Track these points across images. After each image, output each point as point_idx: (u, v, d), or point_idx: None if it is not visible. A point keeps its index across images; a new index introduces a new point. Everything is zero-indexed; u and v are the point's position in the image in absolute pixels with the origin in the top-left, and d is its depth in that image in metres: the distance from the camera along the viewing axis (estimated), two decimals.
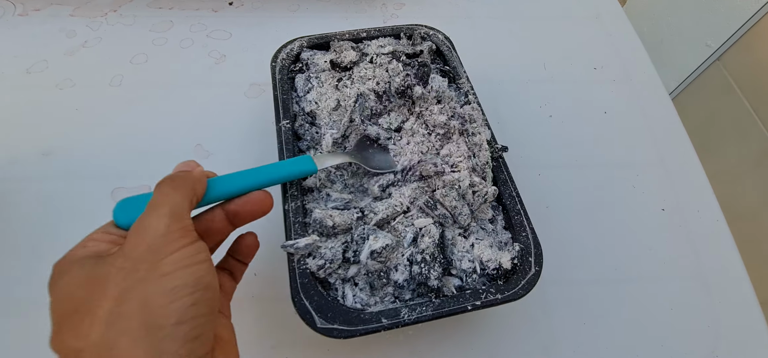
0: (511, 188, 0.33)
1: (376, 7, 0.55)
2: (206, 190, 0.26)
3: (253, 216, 0.27)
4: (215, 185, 0.26)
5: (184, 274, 0.20)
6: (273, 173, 0.29)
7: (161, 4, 0.53)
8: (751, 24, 0.92)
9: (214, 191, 0.26)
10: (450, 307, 0.28)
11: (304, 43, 0.39)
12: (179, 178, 0.24)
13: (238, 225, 0.28)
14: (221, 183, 0.27)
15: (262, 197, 0.28)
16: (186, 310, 0.19)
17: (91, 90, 0.45)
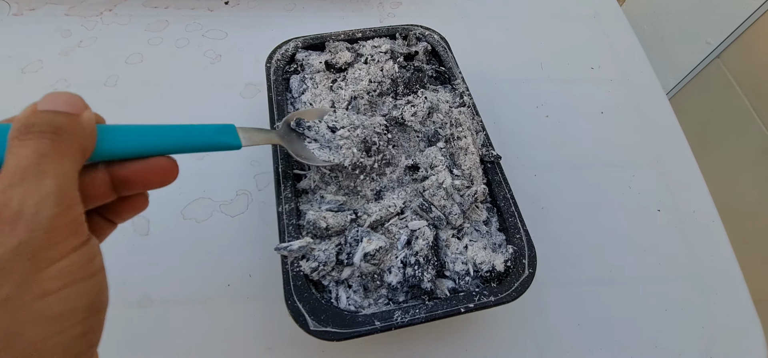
0: (506, 190, 0.33)
1: (373, 6, 0.54)
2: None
3: (150, 186, 0.21)
4: (107, 138, 0.19)
5: (75, 293, 0.14)
6: (186, 137, 0.22)
7: (157, 3, 0.52)
8: (750, 22, 0.91)
9: (105, 145, 0.19)
10: (443, 309, 0.28)
11: (299, 43, 0.39)
12: (66, 129, 0.16)
13: (124, 194, 0.21)
14: (115, 137, 0.20)
15: (167, 165, 0.21)
16: (73, 343, 0.14)
17: (86, 90, 0.44)
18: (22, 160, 0.15)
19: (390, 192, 0.32)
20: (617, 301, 0.36)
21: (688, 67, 1.05)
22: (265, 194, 0.40)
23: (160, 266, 0.36)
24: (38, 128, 0.16)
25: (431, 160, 0.33)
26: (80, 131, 0.17)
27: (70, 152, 0.16)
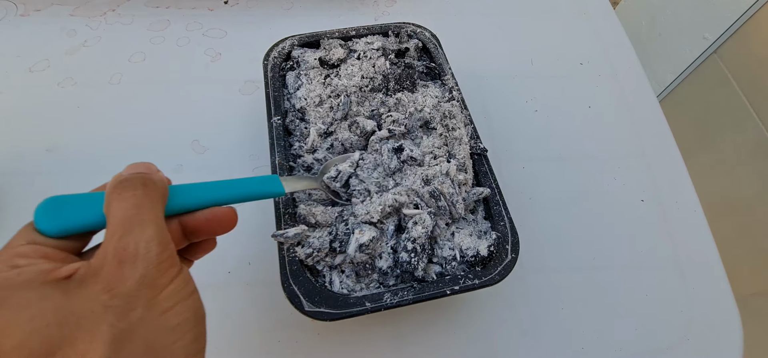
0: (491, 180, 0.34)
1: (369, 5, 0.56)
2: None
3: (215, 233, 0.25)
4: (176, 195, 0.23)
5: (183, 308, 0.18)
6: (238, 190, 0.26)
7: (158, 3, 0.54)
8: (746, 17, 0.92)
9: (174, 201, 0.23)
10: (430, 292, 0.30)
11: (295, 41, 0.41)
12: (152, 182, 0.20)
13: (193, 240, 0.25)
14: (182, 193, 0.24)
15: (229, 214, 0.25)
16: (190, 345, 0.18)
17: (91, 88, 0.47)
18: (126, 212, 0.19)
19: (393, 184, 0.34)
20: (600, 287, 0.38)
21: (685, 62, 1.06)
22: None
23: None
24: (131, 184, 0.19)
25: (432, 149, 0.34)
26: (160, 184, 0.21)
27: (158, 200, 0.20)
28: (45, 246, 0.19)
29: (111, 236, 0.18)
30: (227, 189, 0.25)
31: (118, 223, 0.18)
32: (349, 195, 0.33)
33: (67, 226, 0.19)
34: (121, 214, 0.18)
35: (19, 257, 0.18)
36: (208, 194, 0.25)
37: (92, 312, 0.16)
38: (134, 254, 0.18)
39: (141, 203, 0.19)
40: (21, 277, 0.17)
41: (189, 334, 0.18)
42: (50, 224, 0.19)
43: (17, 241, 0.19)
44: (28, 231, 0.19)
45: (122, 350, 0.16)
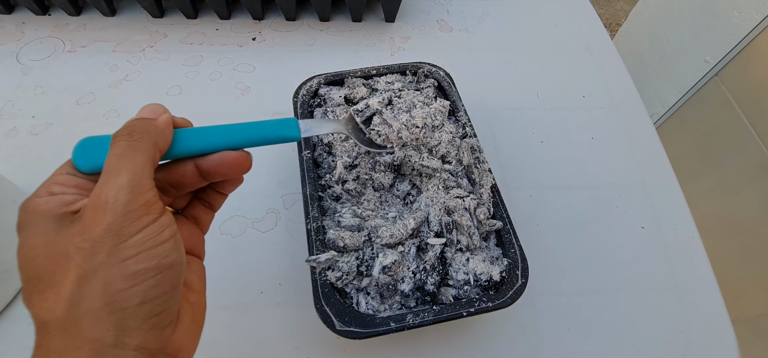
0: (502, 210, 0.38)
1: (384, 41, 0.60)
2: (173, 142, 0.23)
3: (228, 177, 0.26)
4: (183, 139, 0.24)
5: (146, 257, 0.19)
6: (251, 133, 0.26)
7: (192, 40, 0.59)
8: (746, 42, 0.96)
9: (181, 145, 0.24)
10: (448, 313, 0.33)
11: (322, 80, 0.45)
12: (139, 130, 0.22)
13: (212, 181, 0.26)
14: (190, 137, 0.24)
15: (240, 158, 0.25)
16: (148, 291, 0.19)
17: None
18: (110, 161, 0.20)
19: (415, 204, 0.38)
20: (603, 309, 0.41)
21: (687, 84, 1.09)
22: (291, 213, 0.46)
23: None
24: (121, 133, 0.21)
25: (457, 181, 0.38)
26: (153, 130, 0.22)
27: (142, 149, 0.21)
28: (78, 177, 0.21)
29: (97, 184, 0.20)
30: (238, 132, 0.25)
31: (104, 171, 0.20)
32: (370, 139, 0.35)
33: (94, 165, 0.21)
34: (107, 162, 0.20)
35: (56, 184, 0.21)
36: (218, 138, 0.25)
37: (67, 251, 0.19)
38: (105, 202, 0.19)
39: (123, 151, 0.20)
40: (47, 205, 0.20)
41: (149, 281, 0.19)
42: (82, 161, 0.22)
43: (61, 170, 0.22)
44: (69, 164, 0.22)
45: (82, 288, 0.19)
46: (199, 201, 0.28)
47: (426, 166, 0.38)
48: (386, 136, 0.34)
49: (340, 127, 0.32)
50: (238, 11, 0.62)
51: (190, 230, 0.27)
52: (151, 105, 0.24)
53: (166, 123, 0.23)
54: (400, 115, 0.35)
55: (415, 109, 0.35)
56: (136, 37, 0.58)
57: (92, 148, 0.22)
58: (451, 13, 0.65)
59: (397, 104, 0.35)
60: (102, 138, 0.22)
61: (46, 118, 0.50)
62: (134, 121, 0.22)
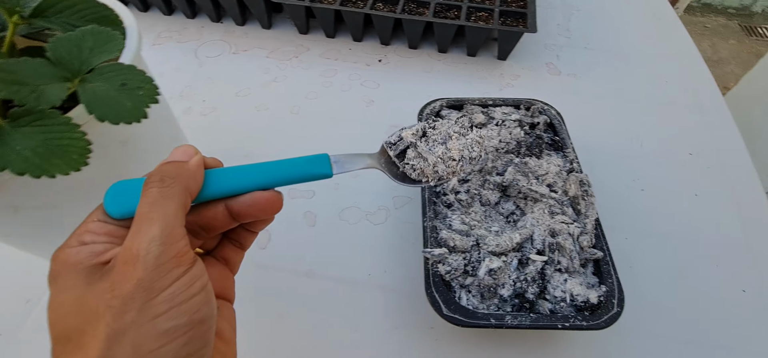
0: (603, 242, 0.41)
1: (495, 76, 0.66)
2: (204, 184, 0.23)
3: (259, 216, 0.25)
4: (214, 180, 0.23)
5: (177, 312, 0.19)
6: (282, 172, 0.25)
7: (329, 56, 0.69)
8: None
9: (212, 187, 0.23)
10: (544, 322, 0.37)
11: (444, 103, 0.52)
12: (170, 176, 0.21)
13: (243, 221, 0.25)
14: (222, 178, 0.24)
15: (271, 199, 0.24)
16: (179, 350, 0.19)
17: (278, 114, 0.62)
18: (142, 209, 0.20)
19: (520, 222, 0.42)
20: None
21: None
22: (401, 213, 0.52)
23: (321, 250, 0.49)
24: (152, 180, 0.21)
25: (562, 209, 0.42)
26: (185, 174, 0.22)
27: (174, 195, 0.21)
28: (110, 224, 0.21)
29: (128, 234, 0.20)
30: (269, 172, 0.25)
31: (135, 220, 0.20)
32: (403, 173, 0.33)
33: (125, 210, 0.21)
34: (139, 210, 0.20)
35: (88, 232, 0.21)
36: (249, 178, 0.24)
37: (98, 309, 0.18)
38: (136, 255, 0.19)
39: (155, 199, 0.20)
40: (78, 256, 0.20)
41: (180, 338, 0.19)
42: (113, 208, 0.21)
43: (92, 217, 0.22)
44: (101, 210, 0.22)
45: (112, 350, 0.18)
46: (229, 241, 0.27)
47: (534, 191, 0.43)
48: (421, 171, 0.32)
49: (373, 163, 0.31)
50: (369, 36, 0.72)
51: (220, 272, 0.26)
52: (183, 147, 0.24)
53: (198, 165, 0.23)
54: (435, 147, 0.33)
55: (451, 140, 0.33)
56: (286, 48, 0.70)
57: (124, 193, 0.22)
58: (561, 58, 0.69)
59: (432, 136, 0.34)
60: (134, 182, 0.22)
61: (213, 104, 0.63)
62: (166, 166, 0.22)
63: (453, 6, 0.66)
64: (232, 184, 0.24)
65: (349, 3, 0.67)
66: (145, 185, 0.21)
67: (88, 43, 0.26)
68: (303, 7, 0.66)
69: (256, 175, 0.25)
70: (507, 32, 0.62)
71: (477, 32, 0.64)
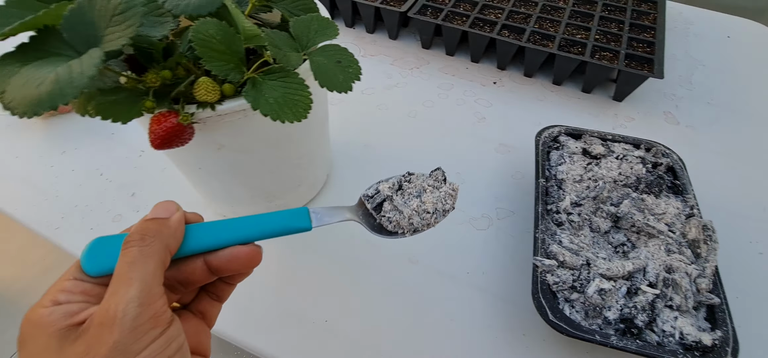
0: (720, 290, 0.41)
1: (608, 116, 0.67)
2: (184, 239, 0.23)
3: (237, 271, 0.25)
4: (194, 236, 0.24)
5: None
6: (262, 227, 0.25)
7: (447, 71, 0.75)
8: None
9: (192, 242, 0.24)
10: (650, 351, 0.38)
11: (563, 130, 0.54)
12: (151, 234, 0.21)
13: (221, 276, 0.25)
14: (201, 233, 0.24)
15: (250, 253, 0.25)
16: None
17: (396, 115, 0.68)
18: (120, 269, 0.20)
19: (634, 253, 0.44)
20: None
21: None
22: (502, 223, 0.55)
23: (425, 243, 0.53)
24: (132, 238, 0.21)
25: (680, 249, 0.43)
26: (166, 231, 0.22)
27: (154, 254, 0.21)
28: (86, 282, 0.21)
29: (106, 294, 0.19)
30: (249, 227, 0.25)
31: (113, 279, 0.20)
32: (380, 225, 0.33)
33: (103, 268, 0.21)
34: (118, 270, 0.20)
35: (62, 291, 0.20)
36: (229, 233, 0.24)
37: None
38: (113, 317, 0.18)
39: (135, 259, 0.20)
40: (50, 317, 0.19)
41: None
42: (90, 265, 0.22)
43: (67, 275, 0.21)
44: (77, 268, 0.22)
45: None
46: (206, 294, 0.27)
47: (651, 227, 0.44)
48: (397, 223, 0.33)
49: (351, 216, 0.32)
50: (486, 59, 0.77)
51: (196, 327, 0.26)
52: (164, 203, 0.24)
53: (179, 222, 0.23)
54: (410, 200, 0.33)
55: (425, 193, 0.34)
56: (408, 58, 0.77)
57: (102, 250, 0.22)
58: (680, 109, 0.68)
59: (408, 189, 0.34)
60: (113, 238, 0.22)
61: (340, 96, 0.71)
62: (146, 224, 0.22)
63: (578, 42, 0.69)
64: (212, 239, 0.24)
65: (476, 26, 0.73)
66: (126, 243, 0.21)
67: (314, 26, 0.34)
68: (433, 24, 0.73)
69: (236, 230, 0.25)
70: (629, 74, 0.64)
71: (599, 70, 0.65)
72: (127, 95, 0.30)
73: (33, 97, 0.23)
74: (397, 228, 0.33)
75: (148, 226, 0.22)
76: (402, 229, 0.32)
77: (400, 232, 0.32)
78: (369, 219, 0.33)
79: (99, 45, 0.26)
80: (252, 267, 0.25)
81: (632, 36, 0.70)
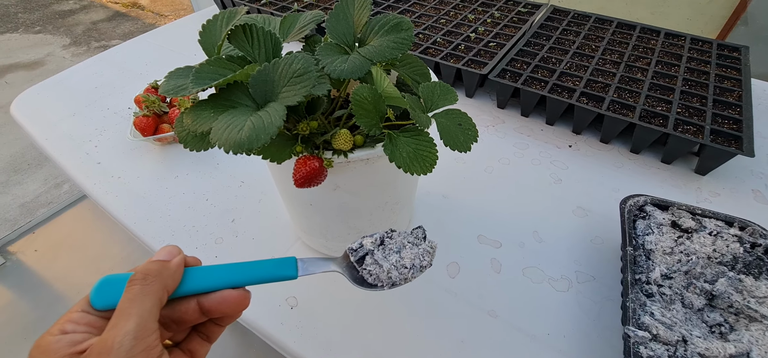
0: None
1: (691, 189, 0.66)
2: (181, 281, 0.26)
3: (226, 313, 0.27)
4: (190, 278, 0.27)
5: None
6: (252, 273, 0.28)
7: (522, 131, 0.78)
8: None
9: (188, 284, 0.26)
10: None
11: (649, 199, 0.55)
12: (153, 274, 0.24)
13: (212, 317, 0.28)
14: (196, 277, 0.27)
15: (240, 297, 0.27)
16: None
17: (473, 169, 0.71)
18: (121, 305, 0.22)
19: (734, 335, 0.43)
20: None
21: None
22: (583, 287, 0.55)
23: (504, 296, 0.54)
24: (136, 277, 0.24)
25: None
26: (166, 273, 0.25)
27: (153, 292, 0.23)
28: (92, 315, 0.24)
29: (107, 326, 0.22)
30: (239, 272, 0.28)
31: (115, 313, 0.22)
32: (362, 277, 0.35)
33: (108, 303, 0.24)
34: (120, 305, 0.22)
35: (70, 322, 0.23)
36: (221, 277, 0.27)
37: None
38: (110, 347, 0.20)
39: (135, 296, 0.23)
40: (57, 344, 0.22)
41: None
42: (98, 300, 0.24)
43: (76, 308, 0.24)
44: (85, 302, 0.24)
45: None
46: (197, 333, 0.29)
47: (753, 310, 0.43)
48: (377, 276, 0.34)
49: (336, 267, 0.34)
50: (561, 122, 0.79)
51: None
52: (168, 247, 0.27)
53: (179, 265, 0.26)
54: (390, 255, 0.35)
55: (404, 249, 0.35)
56: (484, 116, 0.81)
57: (109, 287, 0.25)
58: None
59: (389, 245, 0.36)
60: (120, 277, 0.25)
61: None
62: (151, 265, 0.25)
63: (658, 114, 0.70)
64: (206, 282, 0.27)
65: (553, 92, 0.76)
66: (130, 281, 0.24)
67: (437, 91, 0.38)
68: (511, 87, 0.77)
69: (227, 274, 0.28)
70: (716, 150, 0.63)
71: (682, 143, 0.66)
72: (281, 140, 0.35)
73: (235, 139, 0.28)
74: (377, 281, 0.34)
75: (151, 267, 0.25)
76: (381, 282, 0.34)
77: (379, 285, 0.34)
78: (352, 271, 0.35)
79: (275, 99, 0.31)
80: (240, 310, 0.28)
81: (716, 112, 0.70)
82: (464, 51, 0.87)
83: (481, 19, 0.99)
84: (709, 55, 0.85)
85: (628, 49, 0.87)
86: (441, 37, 0.91)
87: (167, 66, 1.01)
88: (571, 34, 0.93)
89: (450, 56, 0.85)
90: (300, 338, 0.50)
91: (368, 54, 0.35)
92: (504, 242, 0.61)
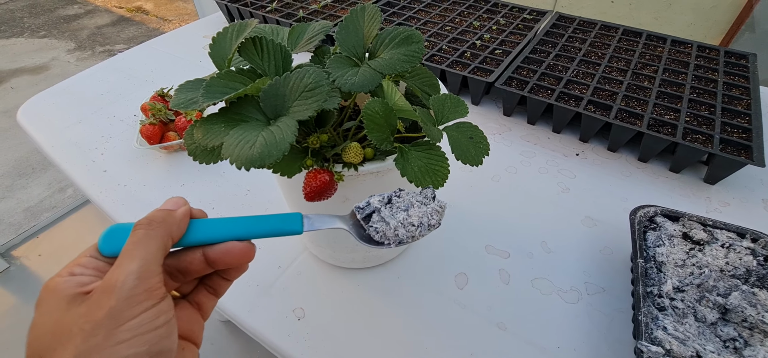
0: None
1: (700, 199, 0.66)
2: (187, 231, 0.26)
3: (232, 266, 0.27)
4: (195, 229, 0.27)
5: (139, 341, 0.21)
6: (257, 226, 0.28)
7: (529, 139, 0.77)
8: None
9: (194, 234, 0.26)
10: None
11: (659, 210, 0.54)
12: (158, 220, 0.24)
13: (217, 268, 0.28)
14: (202, 228, 0.27)
15: (244, 249, 0.27)
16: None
17: (480, 178, 0.71)
18: (127, 247, 0.23)
19: (747, 351, 0.42)
20: None
21: None
22: (592, 299, 0.55)
23: (513, 308, 0.54)
24: (140, 224, 0.24)
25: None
26: (170, 221, 0.25)
27: (157, 237, 0.23)
28: (100, 260, 0.24)
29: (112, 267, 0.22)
30: (245, 225, 0.28)
31: (120, 255, 0.23)
32: (368, 235, 0.34)
33: (115, 250, 0.24)
34: (125, 248, 0.23)
35: (78, 265, 0.24)
36: (226, 229, 0.27)
37: (71, 331, 0.20)
38: (113, 286, 0.21)
39: (140, 239, 0.23)
40: (65, 285, 0.22)
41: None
42: (105, 246, 0.25)
43: (85, 253, 0.24)
44: (94, 248, 0.25)
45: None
46: (204, 286, 0.29)
47: (766, 324, 0.42)
48: (383, 233, 0.34)
49: (342, 224, 0.34)
50: (567, 130, 0.79)
51: (190, 316, 0.28)
52: (174, 198, 0.27)
53: (184, 215, 0.26)
54: (398, 213, 0.34)
55: (412, 208, 0.35)
56: (490, 124, 0.81)
57: (117, 235, 0.25)
58: None
59: (396, 203, 0.35)
60: (127, 226, 0.25)
61: None
62: (156, 212, 0.25)
63: (666, 123, 0.69)
64: (211, 233, 0.27)
65: (560, 100, 0.75)
66: (135, 227, 0.24)
67: (448, 104, 0.38)
68: (518, 94, 0.76)
69: (232, 227, 0.27)
70: (725, 159, 0.63)
71: (691, 152, 0.65)
72: (291, 154, 0.34)
73: (247, 155, 0.28)
74: (384, 238, 0.34)
75: (156, 214, 0.25)
76: (388, 239, 0.34)
77: (386, 242, 0.34)
78: (358, 229, 0.34)
79: (286, 114, 0.31)
80: (246, 262, 0.28)
81: (725, 120, 0.69)
82: (470, 58, 0.87)
83: (487, 26, 0.99)
84: (717, 63, 0.84)
85: (634, 57, 0.86)
86: (446, 44, 0.91)
87: (173, 73, 1.02)
88: (577, 42, 0.93)
89: (456, 64, 0.85)
90: (307, 350, 0.49)
91: (379, 67, 0.35)
92: (512, 253, 0.60)
